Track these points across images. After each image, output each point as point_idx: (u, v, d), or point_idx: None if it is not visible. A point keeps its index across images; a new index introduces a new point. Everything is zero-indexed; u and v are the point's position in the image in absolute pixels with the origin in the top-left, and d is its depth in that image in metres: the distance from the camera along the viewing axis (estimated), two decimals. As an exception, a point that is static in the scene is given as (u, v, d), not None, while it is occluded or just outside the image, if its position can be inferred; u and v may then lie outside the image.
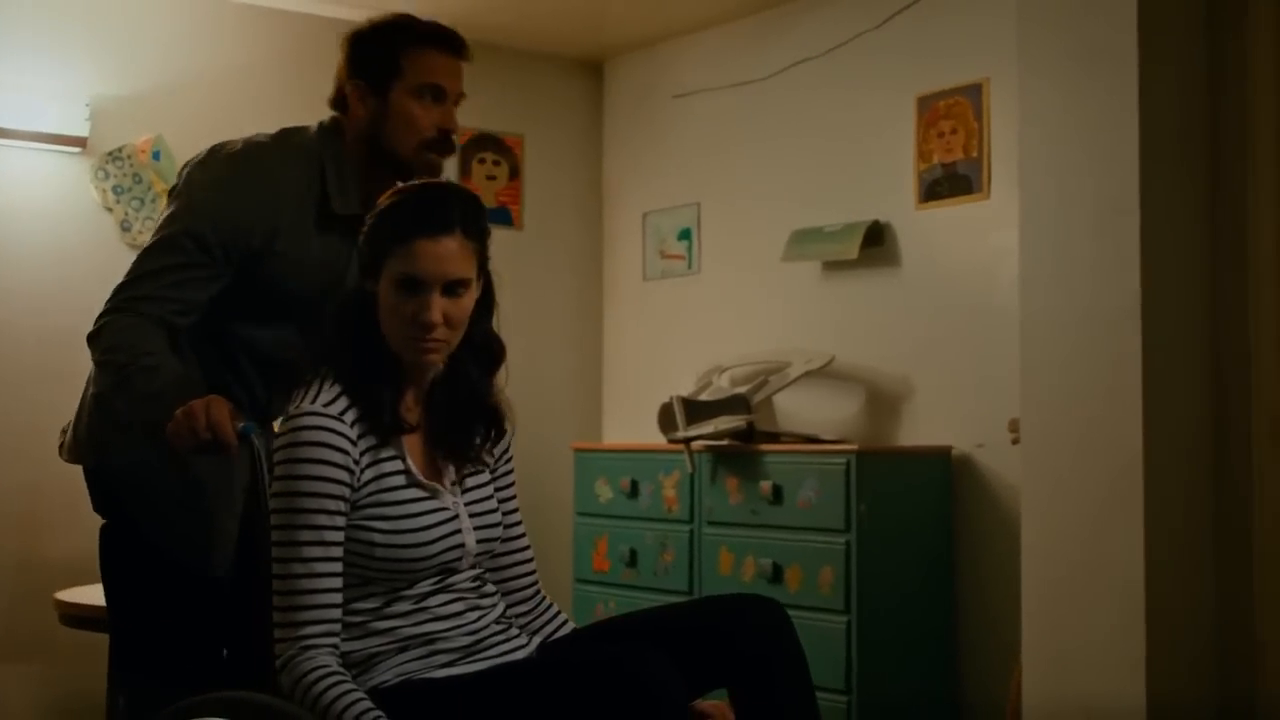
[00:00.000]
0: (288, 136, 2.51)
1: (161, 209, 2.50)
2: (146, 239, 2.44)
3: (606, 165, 5.78)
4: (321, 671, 1.95)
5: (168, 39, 4.79)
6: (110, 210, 4.60)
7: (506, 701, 1.96)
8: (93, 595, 3.71)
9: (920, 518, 4.32)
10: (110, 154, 4.61)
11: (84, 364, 2.43)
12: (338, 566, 2.02)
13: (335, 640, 2.01)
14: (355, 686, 1.96)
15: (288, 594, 2.00)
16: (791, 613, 2.20)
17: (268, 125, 2.59)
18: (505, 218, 5.47)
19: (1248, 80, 3.23)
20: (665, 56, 5.50)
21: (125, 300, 2.35)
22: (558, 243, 5.67)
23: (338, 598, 2.02)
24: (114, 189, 4.60)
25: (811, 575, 4.18)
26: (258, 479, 2.13)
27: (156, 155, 4.63)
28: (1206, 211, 3.28)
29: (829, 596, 4.12)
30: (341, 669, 1.98)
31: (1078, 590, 3.23)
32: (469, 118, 5.38)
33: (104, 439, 2.44)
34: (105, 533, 2.50)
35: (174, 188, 2.47)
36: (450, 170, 5.32)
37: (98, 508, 2.50)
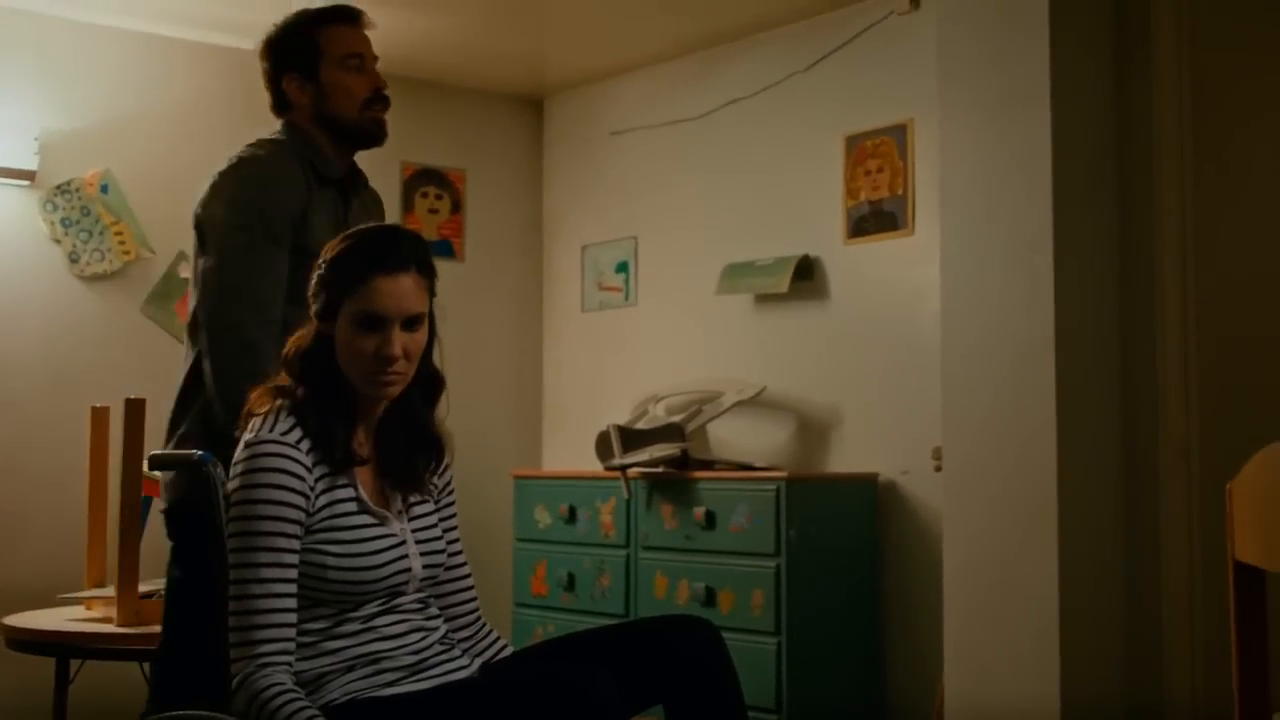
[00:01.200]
0: (260, 141, 2.75)
1: (195, 255, 2.69)
2: (96, 269, 2.56)
3: (546, 199, 5.83)
4: (278, 689, 1.98)
5: (116, 74, 4.83)
6: (59, 242, 4.60)
7: (453, 718, 2.02)
8: (37, 620, 3.75)
9: (848, 542, 4.39)
10: (59, 187, 4.63)
11: (34, 391, 2.46)
12: (293, 588, 2.06)
13: (290, 659, 2.04)
14: (310, 704, 1.99)
15: (244, 614, 2.03)
16: (724, 635, 2.27)
17: (215, 160, 2.76)
18: (447, 250, 5.51)
19: (1153, 125, 3.31)
20: (603, 95, 5.57)
21: (234, 324, 2.55)
22: (499, 275, 5.72)
23: (293, 618, 2.05)
24: (62, 221, 4.61)
25: (743, 598, 4.24)
26: (214, 506, 2.16)
27: (105, 188, 4.66)
28: (1116, 248, 3.35)
29: (760, 618, 4.18)
30: (296, 687, 2.02)
31: (997, 608, 3.29)
32: (413, 153, 5.51)
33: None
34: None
35: (202, 225, 2.66)
36: (393, 204, 5.36)
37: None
